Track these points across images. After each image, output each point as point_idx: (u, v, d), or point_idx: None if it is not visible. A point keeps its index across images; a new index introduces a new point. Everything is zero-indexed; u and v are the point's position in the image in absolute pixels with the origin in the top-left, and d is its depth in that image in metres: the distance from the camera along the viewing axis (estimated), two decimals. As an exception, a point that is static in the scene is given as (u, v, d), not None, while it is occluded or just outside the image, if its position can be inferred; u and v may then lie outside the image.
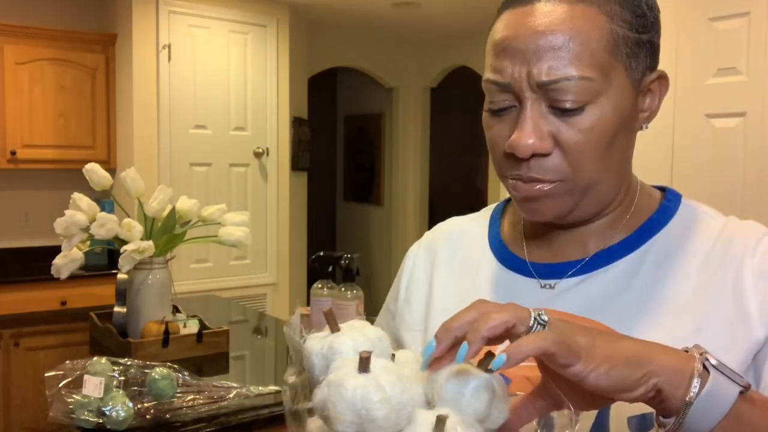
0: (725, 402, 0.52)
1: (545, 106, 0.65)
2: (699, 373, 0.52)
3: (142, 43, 4.02)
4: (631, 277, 0.71)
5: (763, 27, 2.29)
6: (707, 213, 0.75)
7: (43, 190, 4.29)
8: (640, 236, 0.73)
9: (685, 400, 0.52)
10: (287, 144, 4.65)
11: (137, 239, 1.85)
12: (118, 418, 1.30)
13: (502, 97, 0.67)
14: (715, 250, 0.69)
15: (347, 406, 0.49)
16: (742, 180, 2.36)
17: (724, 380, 0.52)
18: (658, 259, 0.71)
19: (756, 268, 0.66)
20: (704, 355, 0.53)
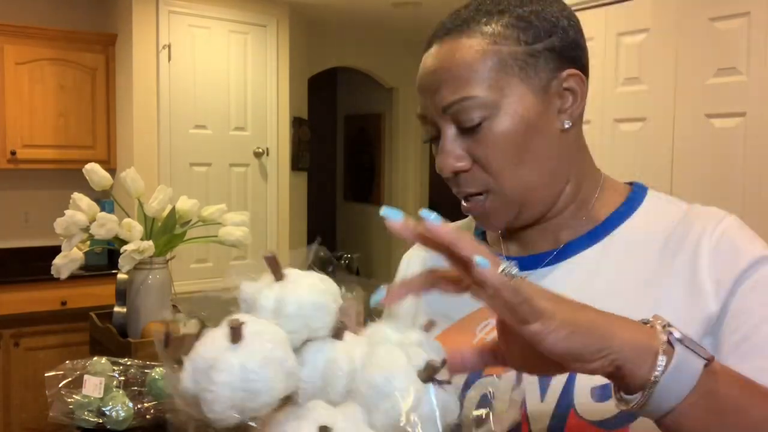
0: (691, 377, 0.52)
1: (455, 129, 0.74)
2: (663, 350, 0.52)
3: (142, 43, 4.02)
4: (598, 265, 0.75)
5: (763, 27, 2.29)
6: (671, 201, 0.79)
7: (43, 190, 4.29)
8: (606, 226, 0.77)
9: (650, 378, 0.51)
10: (287, 144, 4.65)
11: (137, 239, 1.85)
12: (118, 418, 1.30)
13: (428, 128, 0.77)
14: (676, 233, 0.73)
15: (191, 371, 0.46)
16: (742, 180, 2.36)
17: (689, 354, 0.52)
18: (624, 246, 0.75)
19: (713, 247, 0.70)
20: (668, 328, 0.53)
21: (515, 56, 0.72)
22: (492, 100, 0.71)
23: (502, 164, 0.73)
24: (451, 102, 0.72)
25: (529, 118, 0.72)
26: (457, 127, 0.73)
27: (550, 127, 0.74)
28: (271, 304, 0.51)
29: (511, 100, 0.72)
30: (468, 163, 0.74)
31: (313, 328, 0.51)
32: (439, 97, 0.73)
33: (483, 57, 0.72)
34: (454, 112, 0.72)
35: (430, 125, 0.76)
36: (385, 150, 6.42)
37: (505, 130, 0.72)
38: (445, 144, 0.74)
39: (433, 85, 0.74)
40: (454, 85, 0.72)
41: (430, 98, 0.75)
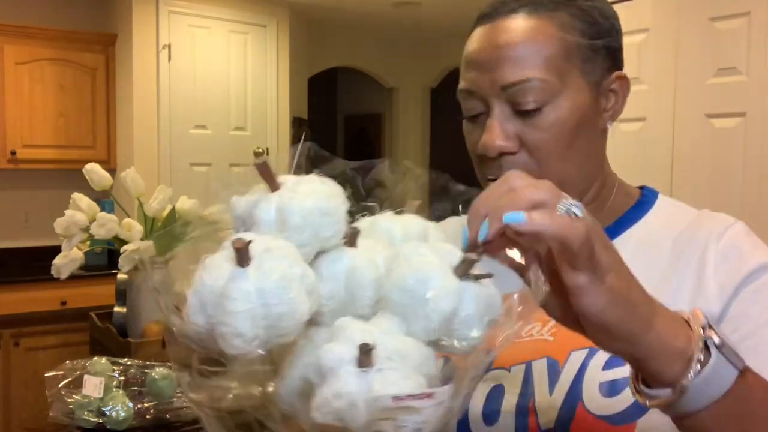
0: (723, 385, 0.51)
1: (509, 110, 0.72)
2: (699, 359, 0.50)
3: (142, 43, 4.02)
4: None
5: (763, 27, 2.29)
6: (680, 206, 0.80)
7: (43, 190, 4.29)
8: (615, 229, 0.77)
9: (682, 382, 0.50)
10: (287, 144, 4.65)
11: (137, 239, 1.85)
12: (118, 418, 1.30)
13: (472, 104, 0.75)
14: (683, 237, 0.74)
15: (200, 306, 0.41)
16: (742, 180, 2.36)
17: (724, 363, 0.51)
18: (633, 249, 0.75)
19: (719, 251, 0.71)
20: (707, 332, 0.52)
21: (579, 47, 0.72)
22: (554, 86, 0.71)
23: (551, 152, 0.72)
24: (513, 81, 0.70)
25: (583, 111, 0.73)
26: (512, 108, 0.72)
27: (595, 124, 0.75)
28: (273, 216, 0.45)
29: (570, 90, 0.72)
30: (516, 146, 0.72)
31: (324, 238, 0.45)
32: (500, 74, 0.71)
33: (551, 42, 0.71)
34: (514, 92, 0.71)
35: (478, 101, 0.74)
36: (385, 150, 6.41)
37: (561, 119, 0.71)
38: (495, 123, 0.72)
39: (494, 61, 0.72)
40: (519, 65, 0.71)
41: (488, 74, 0.72)
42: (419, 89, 6.20)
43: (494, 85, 0.71)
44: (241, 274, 0.40)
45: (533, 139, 0.71)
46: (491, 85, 0.72)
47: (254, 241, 0.41)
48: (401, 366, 0.40)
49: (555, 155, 0.72)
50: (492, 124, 0.72)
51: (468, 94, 0.75)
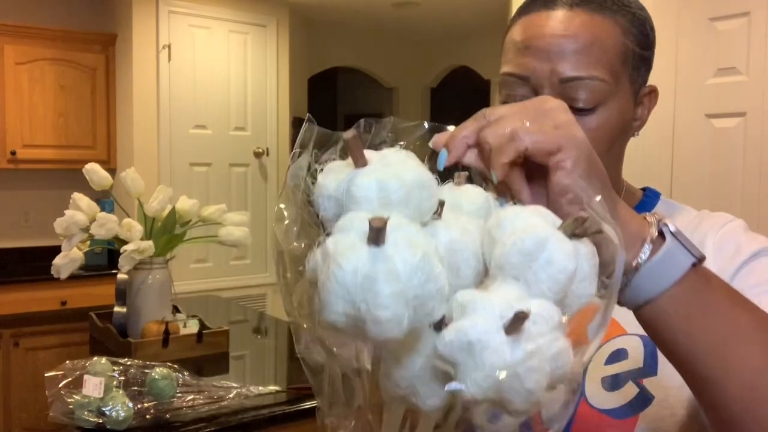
0: (676, 270, 0.51)
1: None
2: (652, 239, 0.51)
3: (142, 43, 4.02)
4: None
5: (763, 27, 2.29)
6: (681, 207, 0.81)
7: (43, 190, 4.29)
8: None
9: (633, 264, 0.50)
10: (287, 144, 4.65)
11: (137, 239, 1.85)
12: (118, 418, 1.30)
13: (521, 91, 0.71)
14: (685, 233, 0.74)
15: (342, 293, 0.37)
16: (742, 180, 2.36)
17: (679, 248, 0.51)
18: None
19: (716, 243, 0.72)
20: (663, 221, 0.52)
21: (633, 54, 0.72)
22: (610, 88, 0.70)
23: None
24: (576, 76, 0.68)
25: (626, 118, 0.73)
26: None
27: (628, 131, 0.75)
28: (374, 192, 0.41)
29: (620, 95, 0.71)
30: None
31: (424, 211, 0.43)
32: (564, 65, 0.69)
33: (614, 43, 0.70)
34: (572, 87, 0.69)
35: (529, 88, 0.71)
36: (385, 150, 6.41)
37: (609, 122, 0.71)
38: None
39: (559, 52, 0.69)
40: (584, 60, 0.69)
41: (549, 63, 0.69)
42: (419, 89, 6.20)
43: (553, 76, 0.69)
44: (383, 253, 0.37)
45: None
46: (550, 75, 0.69)
47: (398, 228, 0.39)
48: (546, 329, 0.39)
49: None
50: None
51: (519, 80, 0.71)
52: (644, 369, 0.69)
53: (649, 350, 0.69)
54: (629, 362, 0.69)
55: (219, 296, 3.17)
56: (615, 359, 0.70)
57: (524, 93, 0.71)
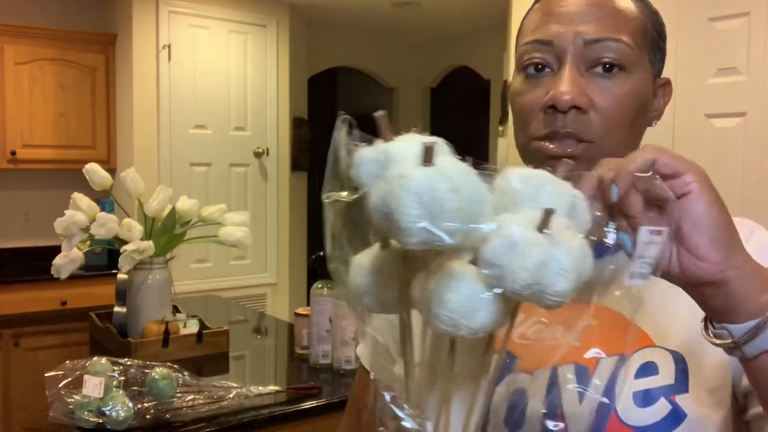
0: None
1: (584, 69, 0.70)
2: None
3: (142, 43, 4.02)
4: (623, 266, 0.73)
5: (763, 27, 2.29)
6: None
7: (43, 190, 4.29)
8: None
9: (767, 313, 0.50)
10: (287, 144, 4.65)
11: (137, 239, 1.85)
12: (118, 418, 1.30)
13: (546, 57, 0.71)
14: None
15: (412, 198, 0.42)
16: (742, 180, 2.36)
17: None
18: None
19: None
20: None
21: (652, 35, 0.73)
22: (634, 56, 0.70)
23: (619, 122, 0.70)
24: (601, 37, 0.69)
25: (645, 93, 0.72)
26: (588, 65, 0.70)
27: (647, 117, 0.75)
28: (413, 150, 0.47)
29: (641, 68, 0.71)
30: (588, 103, 0.69)
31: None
32: (588, 28, 0.69)
33: (636, 17, 0.71)
34: (599, 49, 0.69)
35: (552, 55, 0.71)
36: (385, 150, 6.41)
37: (633, 91, 0.70)
38: (570, 75, 0.69)
39: (583, 15, 0.70)
40: (608, 24, 0.70)
41: (573, 26, 0.70)
42: (419, 89, 6.20)
43: (578, 38, 0.69)
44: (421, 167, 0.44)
45: (606, 103, 0.69)
46: (575, 37, 0.69)
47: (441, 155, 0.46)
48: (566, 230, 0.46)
49: (620, 127, 0.70)
50: (567, 75, 0.69)
51: (543, 45, 0.71)
52: (676, 385, 0.66)
53: (680, 367, 0.66)
54: (660, 378, 0.66)
55: (219, 296, 3.17)
56: (645, 373, 0.66)
57: (546, 58, 0.71)
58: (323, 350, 1.75)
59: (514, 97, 0.75)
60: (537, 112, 0.71)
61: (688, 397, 0.65)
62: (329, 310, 1.73)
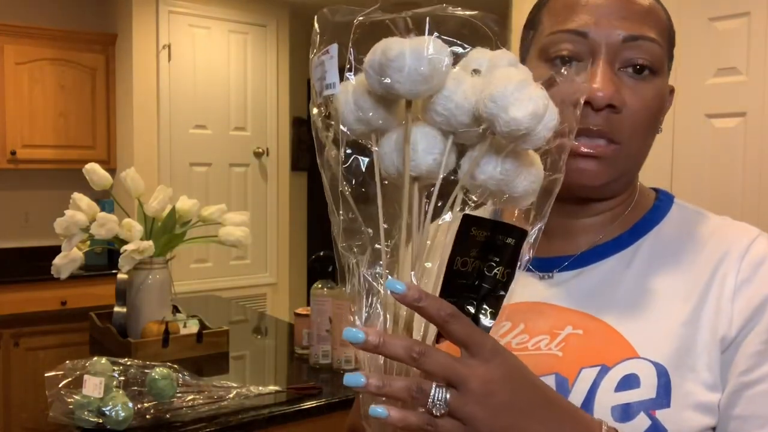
0: None
1: (617, 66, 0.68)
2: None
3: (142, 43, 4.02)
4: (622, 273, 0.72)
5: (763, 27, 2.29)
6: (699, 212, 0.76)
7: (43, 190, 4.29)
8: (632, 235, 0.74)
9: None
10: (287, 144, 4.65)
11: (137, 239, 1.85)
12: (118, 418, 1.30)
13: (578, 48, 0.68)
14: (707, 249, 0.70)
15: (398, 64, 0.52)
16: (742, 180, 2.36)
17: None
18: (650, 256, 0.72)
19: (741, 272, 0.67)
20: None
21: (670, 42, 0.72)
22: (664, 60, 0.69)
23: (644, 125, 0.69)
24: (638, 35, 0.67)
25: (663, 97, 0.71)
26: (621, 64, 0.68)
27: (659, 122, 0.73)
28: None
29: (665, 73, 0.71)
30: (622, 103, 0.67)
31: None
32: (624, 24, 0.67)
33: (664, 19, 0.71)
34: (634, 47, 0.67)
35: (585, 47, 0.68)
36: (385, 150, 6.41)
37: (659, 95, 0.69)
38: (606, 72, 0.67)
39: (619, 9, 0.68)
40: (646, 22, 0.68)
41: (610, 20, 0.67)
42: (419, 89, 6.20)
43: (614, 33, 0.67)
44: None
45: (636, 105, 0.67)
46: (611, 32, 0.67)
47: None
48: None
49: (644, 131, 0.69)
50: (603, 72, 0.66)
51: (577, 35, 0.68)
52: (657, 400, 0.64)
53: (663, 381, 0.64)
54: (641, 391, 0.64)
55: (219, 296, 3.17)
56: (626, 386, 0.65)
57: (579, 49, 0.68)
58: (323, 350, 1.75)
59: None
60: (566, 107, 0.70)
61: (669, 412, 0.63)
62: (329, 310, 1.73)
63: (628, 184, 0.74)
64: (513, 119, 0.50)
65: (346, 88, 0.59)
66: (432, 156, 0.54)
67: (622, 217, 0.75)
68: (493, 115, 0.50)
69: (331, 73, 0.61)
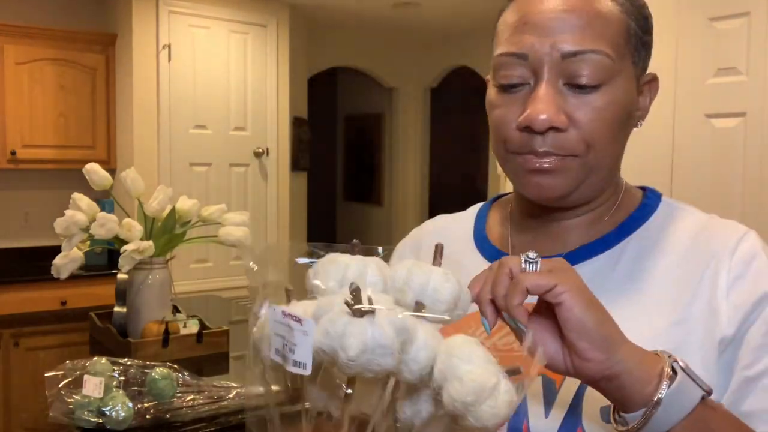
0: (689, 404, 0.54)
1: (561, 83, 0.67)
2: (668, 376, 0.54)
3: (142, 43, 4.02)
4: (609, 272, 0.72)
5: (763, 27, 2.29)
6: (687, 210, 0.76)
7: (43, 190, 4.29)
8: (619, 233, 0.74)
9: (654, 398, 0.54)
10: (287, 144, 4.65)
11: (137, 239, 1.85)
12: (118, 418, 1.30)
13: (518, 72, 0.68)
14: (695, 246, 0.70)
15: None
16: (742, 180, 2.36)
17: (690, 383, 0.55)
18: (636, 254, 0.72)
19: (733, 269, 0.67)
20: (672, 357, 0.56)
21: (636, 34, 0.69)
22: (615, 65, 0.66)
23: (603, 135, 0.67)
24: (578, 50, 0.65)
25: (629, 99, 0.70)
26: (565, 80, 0.66)
27: (632, 119, 0.72)
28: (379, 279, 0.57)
29: (624, 75, 0.68)
30: (567, 122, 0.66)
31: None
32: (565, 39, 0.65)
33: (618, 19, 0.68)
34: (575, 63, 0.65)
35: (527, 69, 0.67)
36: (385, 150, 6.42)
37: (616, 102, 0.67)
38: (546, 93, 0.66)
39: (559, 23, 0.66)
40: (587, 34, 0.65)
41: (549, 38, 0.66)
42: (419, 89, 6.20)
43: (554, 51, 0.65)
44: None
45: (584, 119, 0.66)
46: (551, 50, 0.65)
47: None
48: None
49: (604, 140, 0.68)
50: (544, 93, 0.66)
51: (517, 58, 0.67)
52: None
53: None
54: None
55: (219, 296, 3.17)
56: None
57: (521, 73, 0.67)
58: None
59: (489, 108, 0.72)
60: (513, 129, 0.69)
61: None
62: (329, 310, 1.73)
63: (602, 187, 0.74)
64: (478, 419, 0.49)
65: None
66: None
67: (608, 216, 0.76)
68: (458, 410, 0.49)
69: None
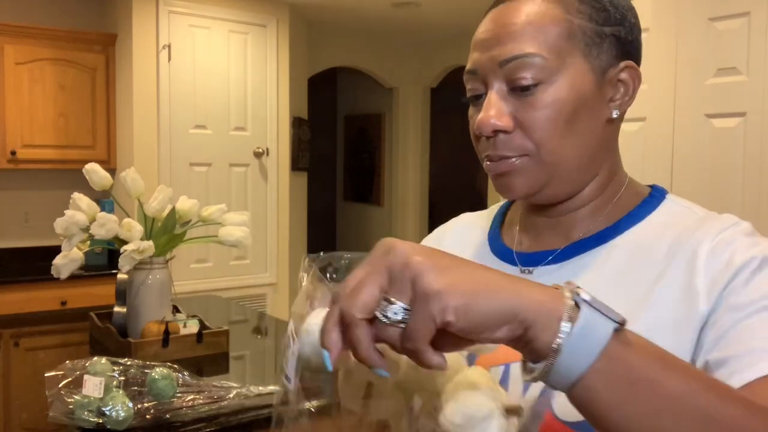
0: (598, 341, 0.48)
1: (507, 89, 0.72)
2: (569, 314, 0.48)
3: (142, 43, 4.02)
4: (602, 266, 0.74)
5: (763, 27, 2.29)
6: (688, 207, 0.76)
7: (43, 190, 4.29)
8: (617, 228, 0.76)
9: (552, 346, 0.48)
10: (287, 144, 4.65)
11: (137, 239, 1.85)
12: (118, 418, 1.30)
13: (475, 85, 0.75)
14: (682, 237, 0.71)
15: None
16: (742, 180, 2.36)
17: (597, 317, 0.48)
18: (630, 249, 0.73)
19: (711, 249, 0.68)
20: (576, 290, 0.50)
21: (584, 31, 0.72)
22: (552, 65, 0.70)
23: (548, 132, 0.71)
24: (510, 57, 0.71)
25: (583, 93, 0.72)
26: (508, 86, 0.72)
27: (599, 112, 0.74)
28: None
29: (570, 71, 0.71)
30: (511, 125, 0.72)
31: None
32: (499, 50, 0.72)
33: (552, 22, 0.72)
34: (511, 68, 0.71)
35: (479, 82, 0.74)
36: (385, 150, 6.42)
37: (558, 99, 0.71)
38: (491, 100, 0.72)
39: (494, 39, 0.73)
40: (517, 42, 0.71)
41: (488, 52, 0.73)
42: (419, 89, 6.20)
43: (493, 62, 0.72)
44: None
45: (528, 118, 0.71)
46: (490, 62, 0.72)
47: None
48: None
49: (551, 136, 0.71)
50: (488, 101, 0.72)
51: (471, 74, 0.75)
52: None
53: None
54: None
55: (219, 296, 3.17)
56: None
57: (476, 86, 0.75)
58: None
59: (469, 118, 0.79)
60: (475, 138, 0.77)
61: None
62: (329, 310, 1.73)
63: (582, 179, 0.76)
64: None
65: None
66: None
67: (607, 212, 0.77)
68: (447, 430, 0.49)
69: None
